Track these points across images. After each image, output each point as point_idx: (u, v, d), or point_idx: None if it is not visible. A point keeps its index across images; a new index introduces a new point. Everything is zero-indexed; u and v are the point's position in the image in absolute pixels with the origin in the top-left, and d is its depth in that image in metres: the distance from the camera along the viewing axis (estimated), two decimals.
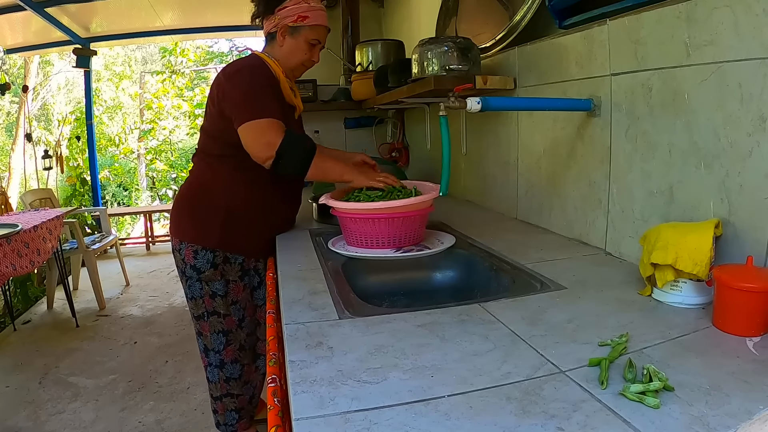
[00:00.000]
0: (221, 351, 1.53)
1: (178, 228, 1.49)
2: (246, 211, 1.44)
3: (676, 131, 0.94)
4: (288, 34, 1.42)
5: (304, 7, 1.40)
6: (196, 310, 1.50)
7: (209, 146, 1.47)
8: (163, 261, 4.78)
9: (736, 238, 0.83)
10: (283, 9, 1.40)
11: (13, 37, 4.54)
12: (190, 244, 1.45)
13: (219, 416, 1.61)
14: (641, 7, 0.99)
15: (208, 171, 1.47)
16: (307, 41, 1.43)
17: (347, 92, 2.67)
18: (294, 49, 1.43)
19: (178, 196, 1.53)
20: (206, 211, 1.44)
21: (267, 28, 1.45)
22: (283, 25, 1.41)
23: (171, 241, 1.52)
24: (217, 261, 1.45)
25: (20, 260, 2.57)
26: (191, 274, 1.46)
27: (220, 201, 1.43)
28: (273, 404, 0.71)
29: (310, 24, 1.41)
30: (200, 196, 1.46)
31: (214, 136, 1.44)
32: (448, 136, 1.16)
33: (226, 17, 4.65)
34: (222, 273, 1.47)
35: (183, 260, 1.47)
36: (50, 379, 2.45)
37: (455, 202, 2.00)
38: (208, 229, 1.44)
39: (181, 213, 1.50)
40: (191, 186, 1.50)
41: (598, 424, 0.52)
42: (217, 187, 1.44)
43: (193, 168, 1.52)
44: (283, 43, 1.43)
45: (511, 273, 1.11)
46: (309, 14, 1.41)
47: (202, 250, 1.44)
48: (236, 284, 1.50)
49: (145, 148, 9.66)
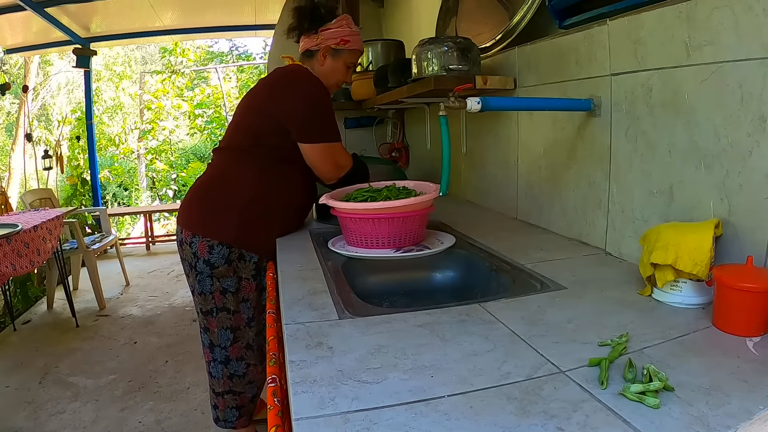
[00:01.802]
0: (227, 347, 1.52)
1: (192, 221, 1.47)
2: (265, 209, 1.45)
3: (676, 131, 0.94)
4: (330, 55, 1.50)
5: (346, 31, 1.49)
6: (205, 305, 1.49)
7: (242, 142, 1.48)
8: (163, 261, 4.78)
9: (736, 238, 0.83)
10: (327, 30, 1.48)
11: (13, 37, 4.54)
12: (204, 238, 1.43)
13: (219, 412, 1.60)
14: (641, 7, 0.99)
15: (233, 166, 1.47)
16: (345, 63, 1.53)
17: (347, 92, 2.67)
18: (334, 70, 1.52)
19: (194, 189, 1.52)
20: (224, 205, 1.44)
21: (306, 45, 1.51)
22: (325, 46, 1.48)
23: (179, 233, 1.49)
24: (232, 257, 1.44)
25: (20, 260, 2.57)
26: (203, 269, 1.45)
27: (240, 196, 1.43)
28: (273, 404, 0.71)
29: (350, 48, 1.50)
30: (220, 191, 1.46)
31: (254, 134, 1.45)
32: (448, 136, 1.16)
33: (226, 17, 4.66)
34: (235, 270, 1.46)
35: (194, 254, 1.45)
36: (50, 379, 2.45)
37: (455, 202, 2.00)
38: (225, 224, 1.43)
39: (196, 206, 1.49)
40: (211, 179, 1.50)
41: (598, 424, 0.52)
42: (239, 182, 1.44)
43: (215, 162, 1.53)
44: (324, 63, 1.51)
45: (511, 273, 1.11)
46: (350, 39, 1.50)
47: (219, 245, 1.43)
48: (248, 282, 1.49)
49: (145, 148, 9.66)
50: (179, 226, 1.50)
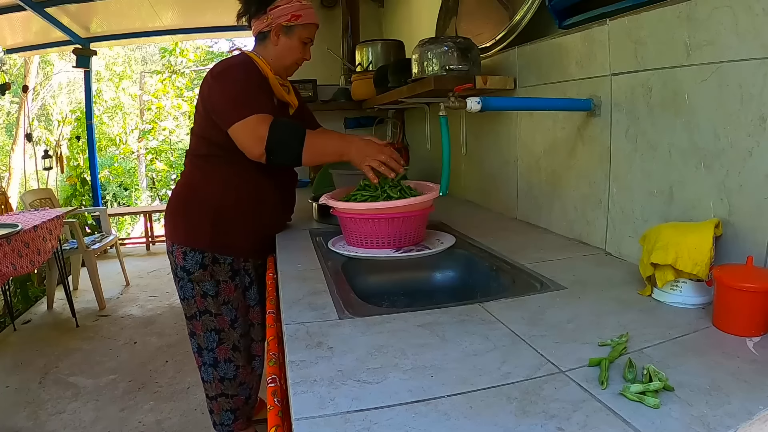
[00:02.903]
0: (214, 349, 1.52)
1: (170, 230, 1.50)
2: (235, 211, 1.44)
3: (676, 131, 0.94)
4: (282, 33, 1.43)
5: (296, 5, 1.41)
6: (189, 310, 1.51)
7: (198, 147, 1.47)
8: (163, 261, 4.78)
9: (736, 238, 0.83)
10: (276, 8, 1.41)
11: (13, 37, 4.54)
12: (180, 245, 1.45)
13: (215, 416, 1.61)
14: (641, 7, 0.99)
15: (197, 172, 1.47)
16: (300, 40, 1.45)
17: (347, 92, 2.68)
18: (289, 48, 1.45)
19: (170, 198, 1.53)
20: (196, 212, 1.45)
21: (258, 28, 1.45)
22: (276, 25, 1.42)
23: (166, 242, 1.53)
24: (206, 262, 1.45)
25: (20, 260, 2.57)
26: (182, 275, 1.47)
27: (209, 202, 1.43)
28: (273, 404, 0.71)
29: (303, 23, 1.43)
30: (190, 198, 1.47)
31: (203, 137, 1.44)
32: (448, 136, 1.16)
33: (226, 17, 4.63)
34: (211, 274, 1.47)
35: (175, 262, 1.48)
36: (50, 379, 2.45)
37: (455, 202, 2.00)
38: (198, 230, 1.44)
39: (173, 215, 1.50)
40: (182, 188, 1.50)
41: (598, 424, 0.52)
42: (206, 188, 1.44)
43: (184, 170, 1.53)
44: (278, 43, 1.44)
45: (511, 273, 1.11)
46: (301, 13, 1.42)
47: (191, 251, 1.44)
48: (227, 284, 1.50)
49: (145, 148, 9.67)
50: (165, 236, 1.54)
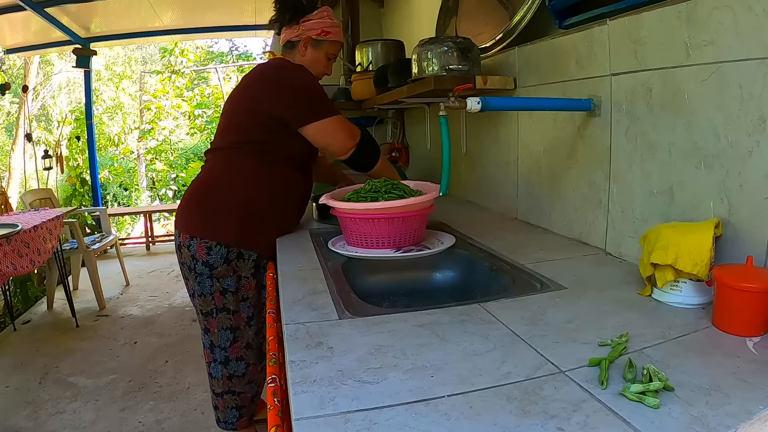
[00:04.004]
0: (227, 348, 1.52)
1: (189, 224, 1.47)
2: (263, 206, 1.45)
3: (676, 131, 0.94)
4: (311, 45, 1.52)
5: (327, 22, 1.50)
6: (205, 306, 1.49)
7: (233, 141, 1.48)
8: (163, 261, 4.78)
9: (736, 238, 0.83)
10: (308, 21, 1.49)
11: (13, 37, 4.54)
12: (203, 240, 1.43)
13: (219, 413, 1.61)
14: (641, 7, 0.99)
15: (228, 166, 1.47)
16: (326, 55, 1.54)
17: (347, 92, 2.67)
18: (315, 61, 1.53)
19: (190, 192, 1.52)
20: (222, 206, 1.44)
21: (287, 36, 1.52)
22: (306, 37, 1.50)
23: (177, 237, 1.49)
24: (230, 257, 1.44)
25: (20, 260, 2.57)
26: (202, 270, 1.45)
27: (238, 196, 1.43)
28: (273, 404, 0.71)
29: (331, 39, 1.53)
30: (217, 191, 1.46)
31: (242, 131, 1.46)
32: (448, 136, 1.16)
33: (226, 17, 4.66)
34: (234, 269, 1.46)
35: (193, 257, 1.45)
36: (50, 379, 2.45)
37: (455, 202, 2.00)
38: (224, 224, 1.43)
39: (192, 208, 1.49)
40: (207, 181, 1.49)
41: (598, 424, 0.52)
42: (236, 181, 1.44)
43: (209, 164, 1.52)
44: (305, 54, 1.52)
45: (511, 273, 1.11)
46: (331, 30, 1.52)
47: (217, 245, 1.43)
48: (248, 281, 1.49)
49: (145, 148, 9.67)
50: (177, 230, 1.50)
